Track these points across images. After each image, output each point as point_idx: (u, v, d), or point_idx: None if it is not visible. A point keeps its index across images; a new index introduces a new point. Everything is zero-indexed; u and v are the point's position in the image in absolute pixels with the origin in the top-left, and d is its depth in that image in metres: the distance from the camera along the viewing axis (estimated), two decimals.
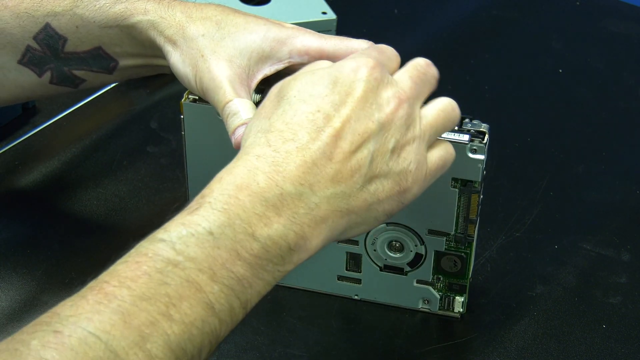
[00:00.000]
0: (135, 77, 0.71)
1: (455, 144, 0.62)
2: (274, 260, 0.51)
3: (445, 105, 0.59)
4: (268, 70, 0.64)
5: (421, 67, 0.59)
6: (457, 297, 0.70)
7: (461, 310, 0.70)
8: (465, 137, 0.62)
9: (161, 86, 0.92)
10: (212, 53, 0.63)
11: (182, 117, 0.66)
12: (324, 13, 0.96)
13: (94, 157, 0.84)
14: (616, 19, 1.06)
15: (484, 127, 0.63)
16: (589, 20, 1.06)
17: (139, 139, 0.87)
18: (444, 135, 0.62)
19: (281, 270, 0.52)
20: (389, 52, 0.60)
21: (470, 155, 0.63)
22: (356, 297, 0.72)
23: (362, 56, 0.57)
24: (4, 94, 0.71)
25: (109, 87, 0.91)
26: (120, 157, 0.84)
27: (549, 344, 0.69)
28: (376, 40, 0.63)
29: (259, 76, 0.64)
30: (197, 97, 0.66)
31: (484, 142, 0.63)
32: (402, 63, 0.60)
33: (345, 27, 0.97)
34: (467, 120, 0.64)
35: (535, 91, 0.96)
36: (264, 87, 0.64)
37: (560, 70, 0.98)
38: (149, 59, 0.68)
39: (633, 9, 1.08)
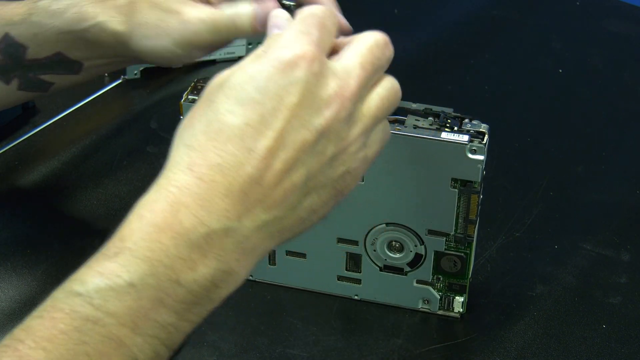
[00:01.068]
0: (106, 72, 0.71)
1: (454, 144, 0.62)
2: (200, 302, 0.47)
3: (388, 91, 0.52)
4: None
5: (377, 51, 0.51)
6: (457, 297, 0.70)
7: (461, 310, 0.70)
8: (464, 138, 0.62)
9: (161, 86, 0.92)
10: (171, 10, 0.63)
11: (181, 117, 0.66)
12: None
13: (94, 157, 0.84)
14: (616, 19, 1.06)
15: (483, 128, 0.63)
16: (589, 20, 1.06)
17: (139, 139, 0.86)
18: (443, 135, 0.63)
19: (208, 309, 0.48)
20: (329, 24, 0.51)
21: (470, 155, 0.63)
22: (356, 297, 0.72)
23: (301, 42, 0.49)
24: None
25: (108, 87, 0.91)
26: (120, 157, 0.84)
27: (549, 344, 0.69)
28: None
29: None
30: (196, 98, 0.65)
31: (484, 142, 0.62)
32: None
33: None
34: (467, 120, 0.64)
35: (535, 91, 0.96)
36: None
37: (560, 70, 0.98)
38: (111, 57, 0.68)
39: (633, 9, 1.08)
